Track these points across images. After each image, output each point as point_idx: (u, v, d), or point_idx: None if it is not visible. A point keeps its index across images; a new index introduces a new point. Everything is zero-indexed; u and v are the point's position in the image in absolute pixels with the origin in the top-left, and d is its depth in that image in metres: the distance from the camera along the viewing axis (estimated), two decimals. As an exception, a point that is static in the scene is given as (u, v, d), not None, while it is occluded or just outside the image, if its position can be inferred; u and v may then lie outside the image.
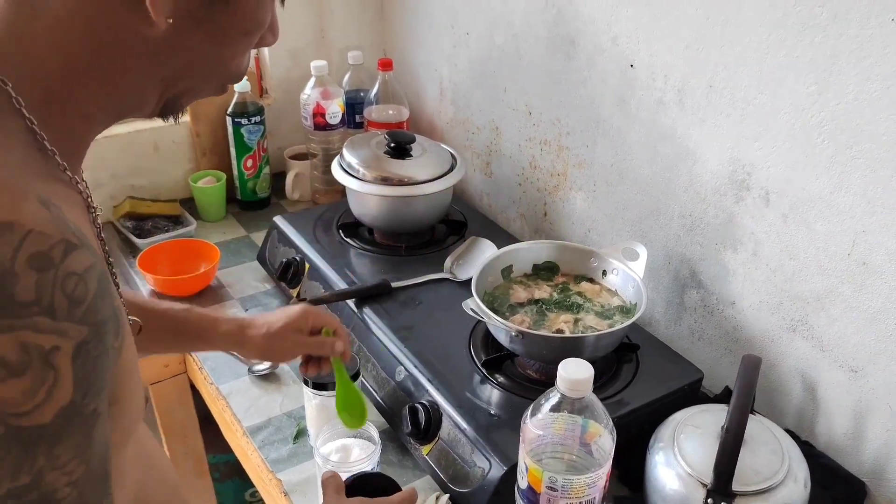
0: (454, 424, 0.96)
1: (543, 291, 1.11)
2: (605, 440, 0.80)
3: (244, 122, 1.52)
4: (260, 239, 1.46)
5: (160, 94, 0.58)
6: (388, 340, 1.10)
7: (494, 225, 1.42)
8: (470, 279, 1.06)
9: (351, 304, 1.17)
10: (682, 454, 0.87)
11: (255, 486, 1.24)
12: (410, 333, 1.10)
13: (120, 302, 0.52)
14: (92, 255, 0.47)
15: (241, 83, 1.50)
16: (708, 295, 1.12)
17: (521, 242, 1.18)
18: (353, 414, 0.92)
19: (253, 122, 1.53)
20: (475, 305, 1.01)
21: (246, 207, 1.61)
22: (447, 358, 1.06)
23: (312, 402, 1.01)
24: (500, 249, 1.15)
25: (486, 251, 1.24)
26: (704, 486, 0.83)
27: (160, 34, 0.53)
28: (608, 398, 0.99)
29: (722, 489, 0.82)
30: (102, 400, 0.49)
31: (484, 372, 1.03)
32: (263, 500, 1.14)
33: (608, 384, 1.02)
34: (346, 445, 0.95)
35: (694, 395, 1.04)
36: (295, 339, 0.93)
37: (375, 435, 0.94)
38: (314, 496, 0.98)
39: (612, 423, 0.81)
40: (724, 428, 0.83)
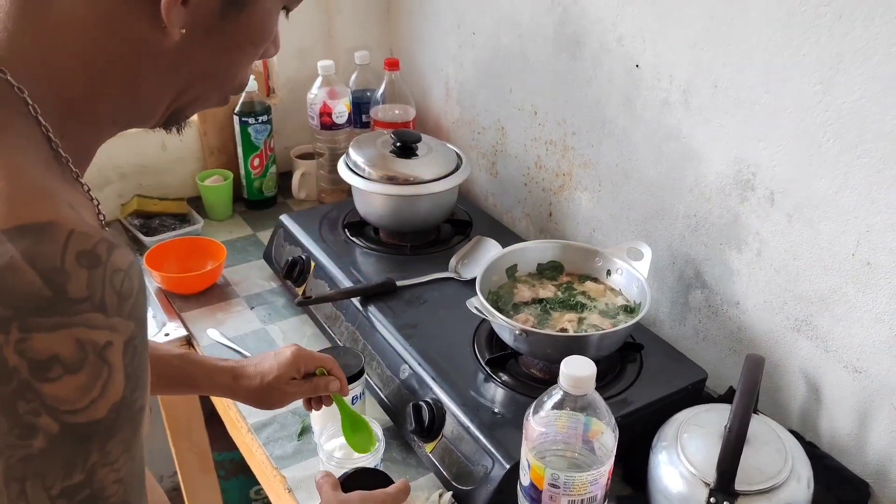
0: (458, 422, 0.96)
1: (548, 291, 1.11)
2: (607, 438, 0.80)
3: (251, 121, 1.53)
4: (266, 237, 1.46)
5: (168, 104, 0.59)
6: (392, 339, 1.10)
7: (500, 225, 1.43)
8: (474, 278, 1.06)
9: (356, 302, 1.18)
10: (685, 453, 0.87)
11: (260, 483, 1.25)
12: (415, 332, 1.10)
13: None
14: (130, 253, 0.48)
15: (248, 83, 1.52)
16: (712, 295, 1.12)
17: (525, 242, 1.18)
18: (361, 440, 0.93)
19: (260, 121, 1.54)
20: (479, 304, 1.01)
21: (252, 206, 1.62)
22: (451, 356, 1.06)
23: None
24: (504, 249, 1.15)
25: (490, 250, 1.24)
26: (707, 485, 0.83)
27: (174, 44, 0.54)
28: (612, 397, 0.99)
29: (725, 488, 0.82)
30: (146, 395, 0.49)
31: (488, 370, 1.04)
32: (268, 497, 1.15)
33: (612, 383, 1.02)
34: (349, 442, 0.96)
35: (698, 395, 1.04)
36: (289, 388, 0.93)
37: (379, 432, 0.94)
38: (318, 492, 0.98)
39: (614, 420, 0.81)
40: (727, 427, 0.83)
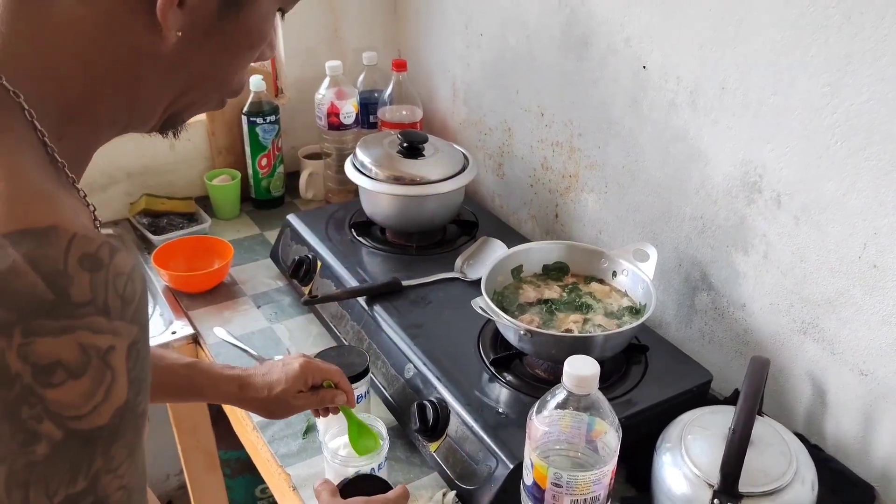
0: (462, 422, 0.97)
1: (553, 291, 1.11)
2: (610, 437, 0.80)
3: (259, 121, 1.54)
4: (273, 237, 1.47)
5: (165, 108, 0.59)
6: (397, 338, 1.10)
7: (506, 226, 1.43)
8: (480, 279, 1.06)
9: (362, 301, 1.18)
10: (689, 455, 0.87)
11: (265, 482, 1.25)
12: (420, 331, 1.10)
13: None
14: (133, 256, 0.48)
15: (256, 83, 1.52)
16: (718, 297, 1.12)
17: (531, 243, 1.18)
18: (368, 447, 0.93)
19: (268, 121, 1.55)
20: (484, 304, 1.01)
21: (260, 206, 1.63)
22: (456, 356, 1.06)
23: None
24: (510, 249, 1.15)
25: (496, 251, 1.24)
26: (711, 487, 0.83)
27: (171, 47, 0.54)
28: (616, 398, 0.99)
29: (728, 490, 0.82)
30: (147, 400, 0.49)
31: (492, 370, 1.04)
32: (274, 496, 1.15)
33: (617, 384, 1.02)
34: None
35: (703, 397, 1.04)
36: (296, 401, 0.94)
37: (383, 431, 0.95)
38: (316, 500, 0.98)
39: (617, 420, 0.81)
40: (731, 429, 0.83)
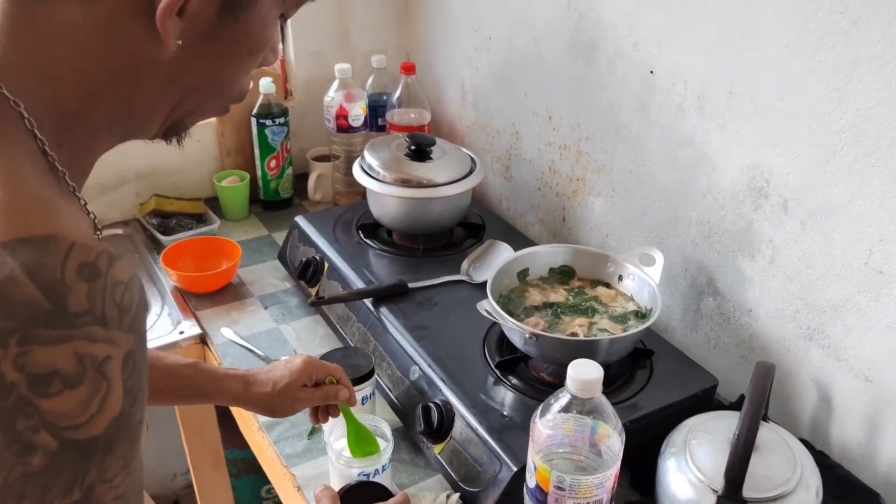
0: (467, 424, 0.97)
1: (559, 295, 1.11)
2: (614, 441, 0.80)
3: (268, 123, 1.55)
4: (281, 238, 1.47)
5: (166, 115, 0.59)
6: (403, 340, 1.11)
7: (513, 229, 1.43)
8: (486, 282, 1.06)
9: (368, 303, 1.18)
10: (693, 460, 0.87)
11: (270, 482, 1.25)
12: (426, 333, 1.11)
13: None
14: (131, 265, 0.47)
15: (266, 85, 1.53)
16: (724, 302, 1.12)
17: (537, 246, 1.18)
18: (365, 450, 0.94)
19: (277, 123, 1.55)
20: (490, 307, 1.01)
21: (268, 207, 1.64)
22: (461, 359, 1.06)
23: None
24: (516, 252, 1.15)
25: (503, 254, 1.24)
26: (715, 492, 0.83)
27: (170, 55, 0.53)
28: (622, 402, 0.99)
29: (732, 495, 0.81)
30: (143, 410, 0.49)
31: (497, 373, 1.04)
32: (279, 496, 1.16)
33: (622, 388, 1.02)
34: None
35: (708, 402, 1.04)
36: (300, 395, 0.94)
37: (388, 432, 0.95)
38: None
39: (621, 424, 0.81)
40: (735, 434, 0.83)
